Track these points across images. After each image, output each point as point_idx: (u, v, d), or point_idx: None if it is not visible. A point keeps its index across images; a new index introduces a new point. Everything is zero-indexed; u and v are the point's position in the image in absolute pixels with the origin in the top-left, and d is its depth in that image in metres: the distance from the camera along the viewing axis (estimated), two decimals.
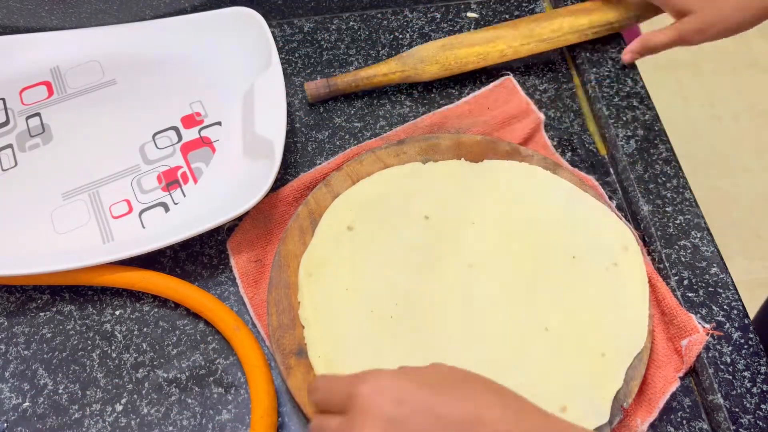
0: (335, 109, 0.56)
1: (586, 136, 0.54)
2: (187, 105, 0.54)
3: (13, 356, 0.45)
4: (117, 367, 0.45)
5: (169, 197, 0.50)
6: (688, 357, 0.42)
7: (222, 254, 0.49)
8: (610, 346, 0.42)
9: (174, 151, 0.52)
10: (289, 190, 0.50)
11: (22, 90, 0.56)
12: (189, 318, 0.46)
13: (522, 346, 0.43)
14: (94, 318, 0.46)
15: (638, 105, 0.54)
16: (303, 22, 0.61)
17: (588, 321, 0.43)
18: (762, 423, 0.40)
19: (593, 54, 0.57)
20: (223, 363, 0.45)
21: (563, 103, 0.56)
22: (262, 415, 0.40)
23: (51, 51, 0.57)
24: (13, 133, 0.53)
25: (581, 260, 0.45)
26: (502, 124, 0.53)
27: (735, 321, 0.44)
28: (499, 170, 0.50)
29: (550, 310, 0.44)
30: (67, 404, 0.43)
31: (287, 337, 0.43)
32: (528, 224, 0.47)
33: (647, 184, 0.50)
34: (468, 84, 0.57)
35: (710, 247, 0.47)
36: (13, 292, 0.48)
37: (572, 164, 0.52)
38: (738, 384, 0.42)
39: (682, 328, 0.43)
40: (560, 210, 0.48)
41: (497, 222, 0.47)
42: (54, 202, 0.50)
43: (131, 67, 0.57)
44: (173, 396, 0.43)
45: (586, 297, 0.44)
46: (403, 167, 0.50)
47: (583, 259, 0.45)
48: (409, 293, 0.44)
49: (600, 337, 0.42)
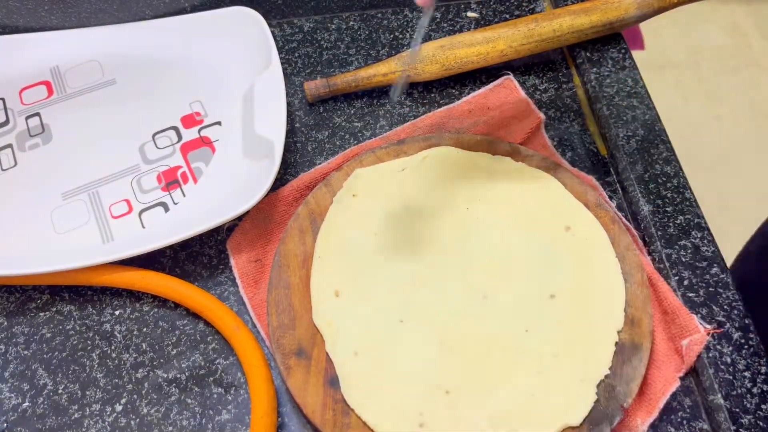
0: (335, 109, 0.56)
1: (586, 136, 0.54)
2: (186, 105, 0.54)
3: (12, 356, 0.45)
4: (117, 367, 0.45)
5: (169, 197, 0.50)
6: (689, 357, 0.42)
7: (222, 254, 0.49)
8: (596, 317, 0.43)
9: (174, 151, 0.52)
10: (289, 190, 0.50)
11: (21, 90, 0.56)
12: (189, 318, 0.46)
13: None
14: (93, 318, 0.46)
15: (638, 105, 0.54)
16: (303, 21, 0.61)
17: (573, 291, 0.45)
18: (762, 423, 0.40)
19: (593, 54, 0.57)
20: (223, 363, 0.45)
21: (563, 102, 0.56)
22: (262, 415, 0.40)
23: (51, 51, 0.57)
24: (13, 133, 0.53)
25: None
26: (502, 124, 0.53)
27: (735, 321, 0.44)
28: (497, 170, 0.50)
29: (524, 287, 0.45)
30: (67, 404, 0.43)
31: (287, 337, 0.43)
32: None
33: (647, 184, 0.50)
34: (468, 84, 0.57)
35: (710, 247, 0.47)
36: (12, 292, 0.48)
37: (572, 164, 0.52)
38: (738, 384, 0.42)
39: (683, 328, 0.43)
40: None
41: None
42: (54, 202, 0.50)
43: (131, 67, 0.57)
44: (173, 396, 0.43)
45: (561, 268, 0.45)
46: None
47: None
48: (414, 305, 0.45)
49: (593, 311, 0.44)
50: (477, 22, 0.61)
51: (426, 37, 0.60)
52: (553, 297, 0.44)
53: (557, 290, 0.45)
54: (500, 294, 0.45)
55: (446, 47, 0.55)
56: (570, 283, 0.45)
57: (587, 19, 0.56)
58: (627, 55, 0.57)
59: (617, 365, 0.42)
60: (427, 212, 0.48)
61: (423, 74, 0.55)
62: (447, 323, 0.44)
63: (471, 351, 0.43)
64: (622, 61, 0.57)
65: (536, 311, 0.44)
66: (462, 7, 0.62)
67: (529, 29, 0.55)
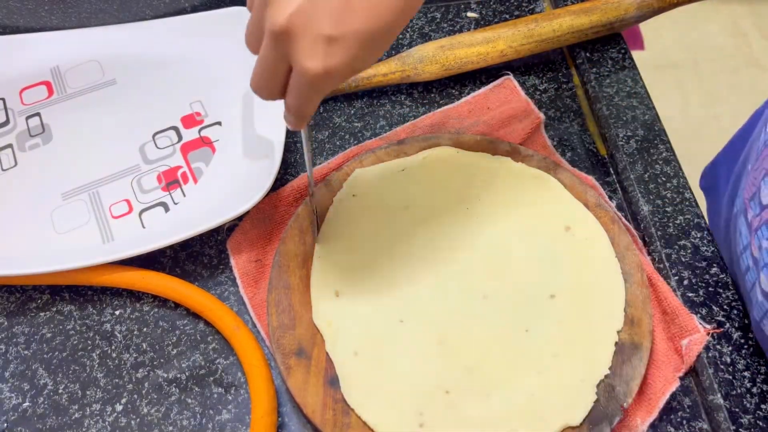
0: (335, 109, 0.56)
1: (586, 136, 0.54)
2: (187, 105, 0.54)
3: (13, 356, 0.45)
4: (117, 367, 0.45)
5: (169, 197, 0.50)
6: (689, 357, 0.42)
7: (222, 254, 0.49)
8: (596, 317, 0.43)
9: (174, 151, 0.52)
10: (289, 190, 0.50)
11: (22, 90, 0.56)
12: (189, 318, 0.46)
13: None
14: (94, 318, 0.46)
15: (638, 105, 0.54)
16: None
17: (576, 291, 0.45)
18: (762, 423, 0.40)
19: (593, 54, 0.57)
20: (223, 363, 0.45)
21: (563, 102, 0.56)
22: (262, 415, 0.40)
23: (51, 51, 0.57)
24: (13, 133, 0.53)
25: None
26: (502, 124, 0.53)
27: (735, 321, 0.44)
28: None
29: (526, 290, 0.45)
30: (67, 404, 0.43)
31: (287, 337, 0.43)
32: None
33: (647, 184, 0.50)
34: (468, 84, 0.57)
35: (710, 247, 0.47)
36: (13, 292, 0.48)
37: (572, 164, 0.52)
38: (738, 384, 0.42)
39: (683, 327, 0.43)
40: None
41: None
42: (54, 202, 0.50)
43: (131, 67, 0.57)
44: (173, 396, 0.43)
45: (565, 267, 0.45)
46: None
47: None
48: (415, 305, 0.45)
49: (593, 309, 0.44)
50: (477, 23, 0.61)
51: (426, 37, 0.60)
52: (553, 297, 0.44)
53: (557, 290, 0.45)
54: (500, 294, 0.45)
55: (446, 47, 0.55)
56: (570, 283, 0.45)
57: (587, 19, 0.56)
58: (627, 55, 0.57)
59: (617, 365, 0.42)
60: (427, 212, 0.48)
61: (423, 74, 0.55)
62: (447, 323, 0.44)
63: (471, 351, 0.43)
64: (622, 61, 0.57)
65: (536, 311, 0.44)
66: (462, 7, 0.62)
67: (529, 29, 0.55)
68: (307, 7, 0.31)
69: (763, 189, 0.40)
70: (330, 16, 0.31)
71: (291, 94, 0.35)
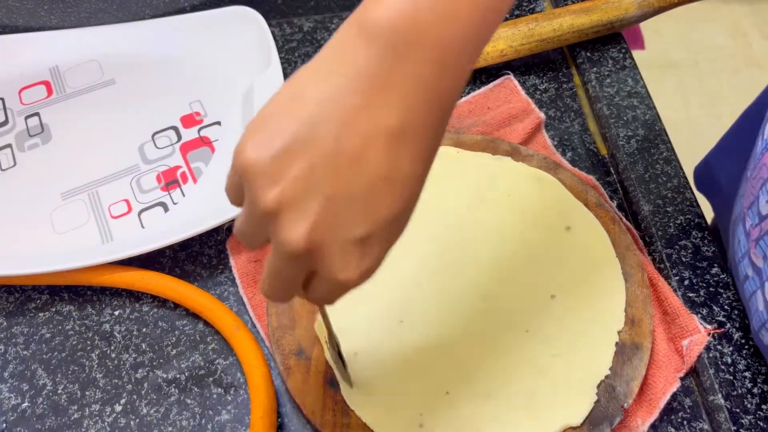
0: None
1: (587, 136, 0.54)
2: (186, 104, 0.54)
3: (12, 356, 0.45)
4: (116, 368, 0.44)
5: (169, 197, 0.49)
6: (689, 357, 0.42)
7: (222, 254, 0.48)
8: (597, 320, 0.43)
9: (173, 151, 0.52)
10: None
11: (21, 89, 0.55)
12: (188, 318, 0.46)
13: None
14: (93, 318, 0.46)
15: (638, 105, 0.54)
16: (303, 21, 0.61)
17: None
18: (763, 423, 0.40)
19: (593, 54, 0.57)
20: (222, 363, 0.44)
21: (563, 102, 0.56)
22: (262, 415, 0.40)
23: (50, 50, 0.57)
24: (12, 133, 0.53)
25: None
26: (502, 124, 0.53)
27: (736, 321, 0.44)
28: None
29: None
30: (66, 404, 0.43)
31: (287, 338, 0.43)
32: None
33: (648, 184, 0.50)
34: (468, 84, 0.57)
35: (711, 247, 0.47)
36: (12, 292, 0.48)
37: (572, 164, 0.52)
38: (739, 384, 0.42)
39: (683, 328, 0.43)
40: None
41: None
42: (53, 202, 0.49)
43: (130, 67, 0.56)
44: (172, 396, 0.43)
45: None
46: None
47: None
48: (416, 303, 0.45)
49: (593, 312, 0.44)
50: None
51: None
52: (553, 297, 0.44)
53: (557, 290, 0.44)
54: (500, 294, 0.45)
55: None
56: (570, 284, 0.45)
57: (587, 19, 0.55)
58: (627, 54, 0.57)
59: (617, 365, 0.42)
60: (427, 212, 0.48)
61: None
62: (447, 323, 0.44)
63: (471, 351, 0.43)
64: (623, 60, 0.57)
65: (536, 311, 0.44)
66: None
67: (529, 29, 0.55)
68: (326, 217, 0.26)
69: (761, 198, 0.40)
70: (357, 214, 0.27)
71: (316, 293, 0.30)
